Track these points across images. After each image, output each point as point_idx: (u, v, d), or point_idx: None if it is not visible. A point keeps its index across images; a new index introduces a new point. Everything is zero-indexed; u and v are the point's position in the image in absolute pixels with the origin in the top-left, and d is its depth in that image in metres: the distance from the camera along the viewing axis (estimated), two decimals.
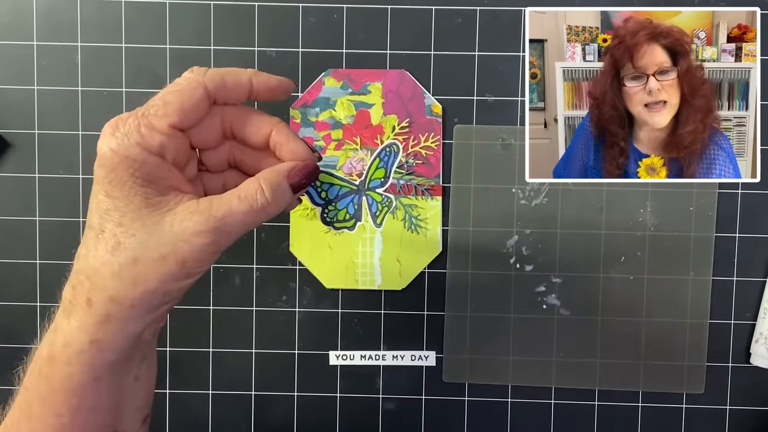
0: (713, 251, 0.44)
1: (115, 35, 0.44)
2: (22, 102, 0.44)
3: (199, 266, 0.29)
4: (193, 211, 0.28)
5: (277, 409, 0.46)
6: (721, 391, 0.45)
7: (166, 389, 0.46)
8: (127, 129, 0.28)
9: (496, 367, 0.45)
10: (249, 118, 0.32)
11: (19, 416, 0.29)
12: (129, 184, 0.28)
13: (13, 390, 0.31)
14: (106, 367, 0.28)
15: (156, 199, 0.28)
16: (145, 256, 0.27)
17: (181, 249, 0.28)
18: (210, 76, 0.30)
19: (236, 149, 0.33)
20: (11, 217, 0.45)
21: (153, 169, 0.28)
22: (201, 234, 0.28)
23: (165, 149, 0.29)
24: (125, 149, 0.28)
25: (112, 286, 0.27)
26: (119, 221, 0.28)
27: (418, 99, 0.44)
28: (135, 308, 0.28)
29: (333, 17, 0.44)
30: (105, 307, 0.27)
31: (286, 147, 0.32)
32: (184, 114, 0.29)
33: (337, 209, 0.43)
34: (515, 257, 0.45)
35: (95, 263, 0.28)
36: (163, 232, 0.28)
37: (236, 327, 0.46)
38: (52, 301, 0.46)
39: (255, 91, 0.31)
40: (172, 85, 0.30)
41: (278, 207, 0.30)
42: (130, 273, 0.27)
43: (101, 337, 0.28)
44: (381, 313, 0.45)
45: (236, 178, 0.33)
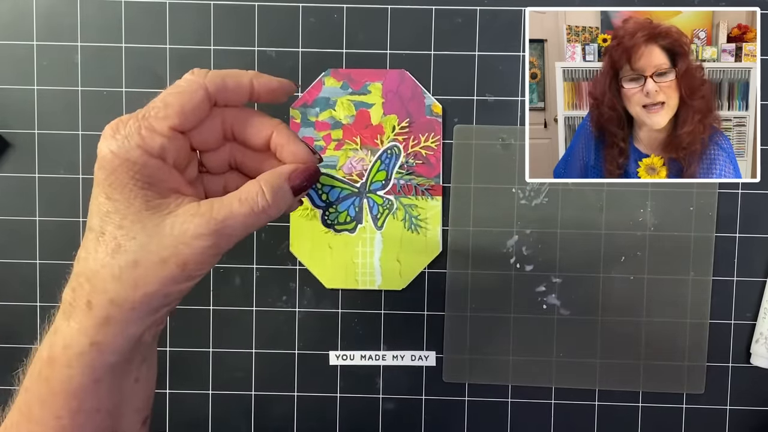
0: (713, 251, 0.44)
1: (115, 35, 0.44)
2: (22, 102, 0.44)
3: (199, 269, 0.29)
4: (194, 213, 0.28)
5: (277, 409, 0.46)
6: (721, 391, 0.45)
7: (166, 389, 0.46)
8: (128, 131, 0.28)
9: (496, 367, 0.45)
10: (249, 120, 0.32)
11: (18, 418, 0.29)
12: (129, 186, 0.28)
13: (12, 391, 0.31)
14: (106, 370, 0.28)
15: (156, 201, 0.28)
16: (146, 259, 0.27)
17: (182, 252, 0.28)
18: (211, 78, 0.30)
19: (237, 151, 0.33)
20: (11, 217, 0.45)
21: (153, 171, 0.28)
22: (202, 237, 0.28)
23: (165, 151, 0.29)
24: (126, 151, 0.28)
25: (113, 288, 0.27)
26: (120, 224, 0.28)
27: (418, 99, 0.44)
28: (135, 311, 0.28)
29: (333, 17, 0.44)
30: (105, 310, 0.27)
31: (287, 149, 0.32)
32: (184, 116, 0.29)
33: (338, 212, 0.43)
34: (515, 257, 0.45)
35: (95, 266, 0.28)
36: (163, 235, 0.28)
37: (236, 327, 0.46)
38: (52, 301, 0.46)
39: (256, 92, 0.31)
40: (173, 86, 0.30)
41: (279, 209, 0.30)
42: (131, 276, 0.27)
43: (101, 339, 0.28)
44: (381, 313, 0.45)
45: (237, 179, 0.33)
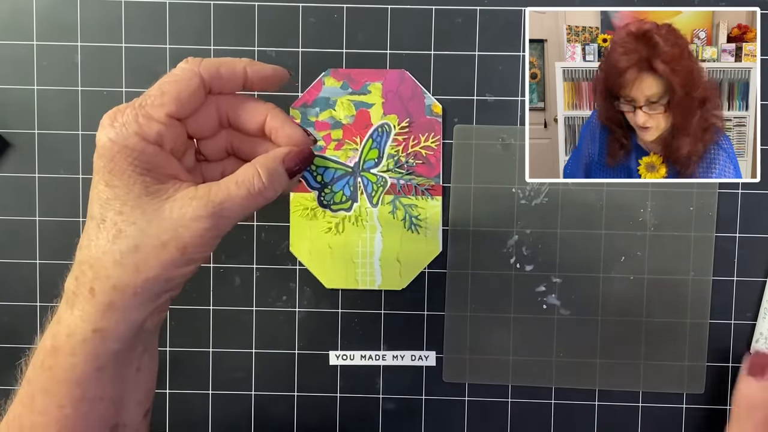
0: (713, 251, 0.44)
1: (115, 35, 0.44)
2: (22, 102, 0.44)
3: (199, 251, 0.29)
4: (192, 197, 0.29)
5: (277, 409, 0.46)
6: (721, 391, 0.45)
7: (166, 389, 0.46)
8: (125, 119, 0.29)
9: (496, 367, 0.45)
10: (243, 105, 0.33)
11: (21, 410, 0.29)
12: (128, 173, 0.28)
13: (12, 391, 0.31)
14: (109, 357, 0.28)
15: (155, 187, 0.29)
16: (146, 243, 0.28)
17: (182, 235, 0.28)
18: (205, 66, 0.31)
19: (233, 137, 0.34)
20: (11, 217, 0.45)
21: (151, 158, 0.29)
22: (200, 219, 0.28)
23: (163, 138, 0.29)
24: (124, 139, 0.28)
25: (115, 274, 0.28)
26: (120, 209, 0.28)
27: (418, 99, 0.44)
28: (137, 296, 0.28)
29: (333, 17, 0.44)
30: (108, 296, 0.28)
31: (282, 132, 0.33)
32: (180, 103, 0.30)
33: (333, 192, 0.44)
34: (515, 257, 0.45)
35: (97, 252, 0.28)
36: (162, 219, 0.28)
37: (236, 327, 0.46)
38: (52, 301, 0.46)
39: (249, 80, 0.32)
40: (168, 75, 0.31)
41: (275, 191, 0.31)
42: (132, 260, 0.28)
43: (104, 325, 0.28)
44: (381, 313, 0.45)
45: (234, 165, 0.34)
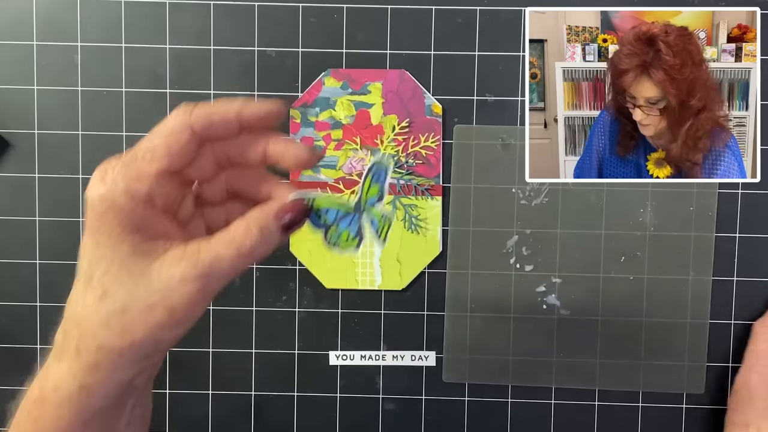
0: (713, 251, 0.44)
1: (115, 35, 0.44)
2: (22, 102, 0.44)
3: (188, 314, 0.28)
4: (180, 257, 0.28)
5: (277, 409, 0.46)
6: (721, 391, 0.45)
7: (166, 389, 0.46)
8: (115, 176, 0.28)
9: (496, 367, 0.45)
10: (240, 141, 0.31)
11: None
12: (117, 231, 0.27)
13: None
14: (95, 413, 0.28)
15: (144, 246, 0.28)
16: (133, 306, 0.27)
17: (169, 297, 0.27)
18: (196, 117, 0.29)
19: (233, 177, 0.32)
20: (11, 217, 0.45)
21: (141, 217, 0.28)
22: (188, 281, 0.27)
23: (154, 196, 0.28)
24: (113, 197, 0.27)
25: (101, 335, 0.27)
26: (106, 269, 0.27)
27: (418, 99, 0.44)
28: (124, 357, 0.27)
29: (333, 17, 0.44)
30: (93, 356, 0.27)
31: (288, 155, 0.31)
32: (172, 158, 0.28)
33: (339, 231, 0.43)
34: (515, 257, 0.45)
35: (84, 312, 0.27)
36: (150, 281, 0.27)
37: (236, 327, 0.46)
38: (52, 301, 0.46)
39: (245, 124, 0.30)
40: (160, 126, 0.29)
41: (268, 249, 0.29)
42: (118, 323, 0.27)
43: (90, 383, 0.27)
44: (381, 313, 0.45)
45: (239, 209, 0.32)
